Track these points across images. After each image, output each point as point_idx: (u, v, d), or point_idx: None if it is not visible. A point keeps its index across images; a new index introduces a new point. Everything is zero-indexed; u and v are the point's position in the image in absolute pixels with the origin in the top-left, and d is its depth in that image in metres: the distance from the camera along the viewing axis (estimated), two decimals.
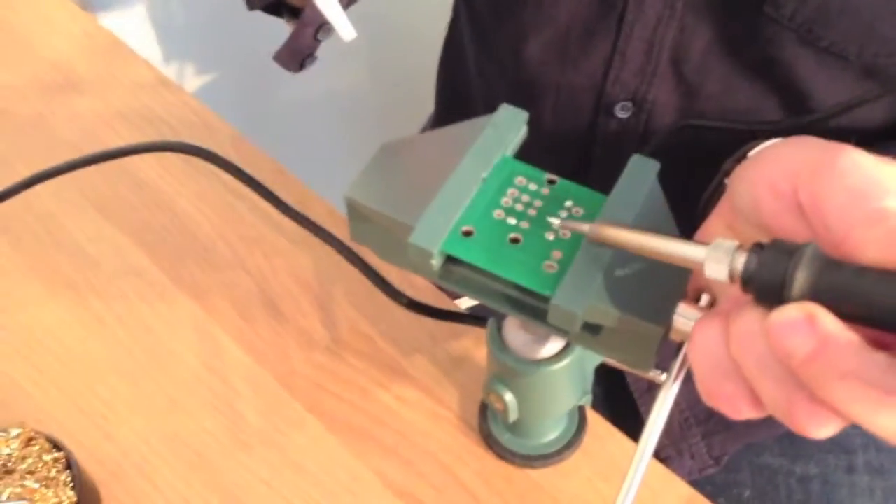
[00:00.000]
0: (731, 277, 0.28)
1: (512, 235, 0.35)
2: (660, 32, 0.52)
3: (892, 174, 0.27)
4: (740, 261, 0.27)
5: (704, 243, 0.29)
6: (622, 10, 0.53)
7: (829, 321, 0.25)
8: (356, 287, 0.55)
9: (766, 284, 0.27)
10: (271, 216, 0.58)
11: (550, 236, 0.35)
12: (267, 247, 0.57)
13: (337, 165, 1.15)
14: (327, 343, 0.53)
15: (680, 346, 0.35)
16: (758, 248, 0.27)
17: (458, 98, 0.73)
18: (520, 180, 0.36)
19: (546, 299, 0.33)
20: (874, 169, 0.27)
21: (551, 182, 0.36)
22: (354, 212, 0.38)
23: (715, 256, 0.28)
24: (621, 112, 0.56)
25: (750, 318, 0.27)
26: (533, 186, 0.36)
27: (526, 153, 0.39)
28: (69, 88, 0.66)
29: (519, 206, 0.35)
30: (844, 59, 0.50)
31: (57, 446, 0.45)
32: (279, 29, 0.54)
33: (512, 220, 0.35)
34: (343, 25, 0.42)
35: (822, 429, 0.27)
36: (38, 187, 0.57)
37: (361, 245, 0.40)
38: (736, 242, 0.28)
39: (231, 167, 0.52)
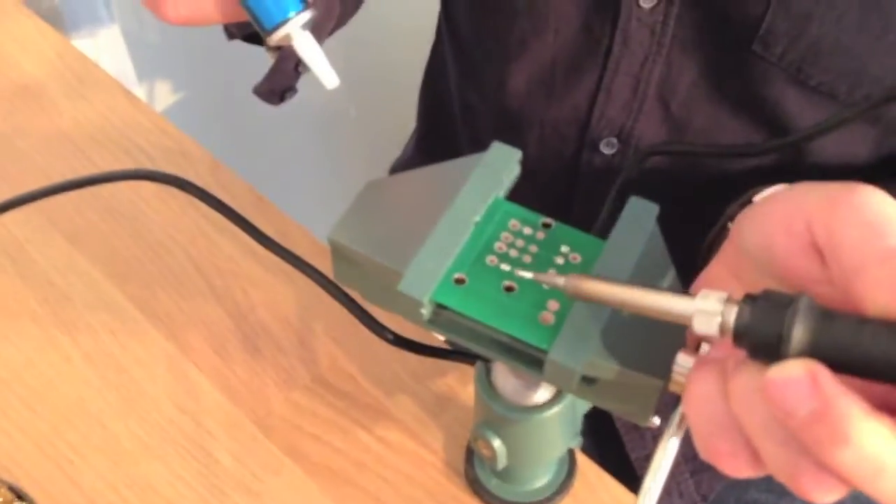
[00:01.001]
0: (723, 332, 0.26)
1: (506, 283, 0.33)
2: (646, 68, 0.51)
3: None
4: (731, 314, 0.26)
5: (691, 295, 0.27)
6: (608, 45, 0.51)
7: (831, 381, 0.24)
8: (337, 322, 0.53)
9: (762, 340, 0.25)
10: (249, 247, 0.56)
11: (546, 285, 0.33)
12: (244, 280, 0.55)
13: (317, 189, 1.13)
14: (307, 382, 0.51)
15: (678, 399, 0.33)
16: (749, 300, 0.26)
17: (440, 122, 0.71)
18: (513, 224, 0.35)
19: (542, 352, 0.32)
20: (891, 206, 0.26)
21: (546, 226, 0.35)
22: (339, 254, 0.36)
23: (704, 310, 0.26)
24: (606, 148, 0.55)
25: (750, 375, 0.26)
26: (528, 231, 0.35)
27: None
28: (39, 112, 0.64)
29: (513, 252, 0.34)
30: (833, 98, 0.49)
31: (20, 496, 0.43)
32: (256, 48, 0.52)
33: (506, 267, 0.33)
34: (325, 73, 0.40)
35: (827, 495, 0.26)
36: (5, 215, 0.55)
37: (346, 286, 0.38)
38: (725, 294, 0.27)
39: (209, 198, 0.50)
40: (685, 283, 0.34)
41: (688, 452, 0.63)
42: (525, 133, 0.58)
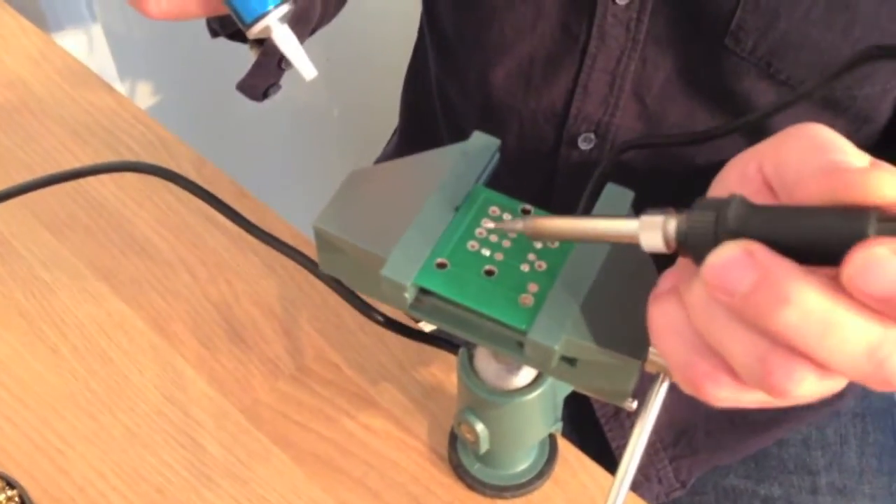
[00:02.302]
0: (667, 243, 0.27)
1: (486, 267, 0.34)
2: (622, 64, 0.52)
3: (849, 144, 0.27)
4: (672, 224, 0.27)
5: (636, 216, 0.28)
6: (585, 42, 0.53)
7: (767, 253, 0.25)
8: (321, 313, 0.54)
9: (702, 240, 0.26)
10: (233, 240, 0.57)
11: (525, 268, 0.34)
12: (229, 272, 0.56)
13: (300, 188, 1.14)
14: (292, 371, 0.52)
15: (656, 376, 0.34)
16: (686, 209, 0.27)
17: (422, 118, 0.72)
18: (493, 210, 0.36)
19: (522, 332, 0.33)
20: (832, 135, 0.27)
21: (525, 212, 0.36)
22: (323, 242, 0.37)
23: (648, 225, 0.28)
24: (584, 143, 0.56)
25: (701, 283, 0.26)
26: (507, 217, 0.36)
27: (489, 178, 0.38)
28: (22, 108, 0.64)
29: (493, 237, 0.35)
30: None
31: (10, 484, 0.43)
32: (239, 46, 0.53)
33: (486, 252, 0.34)
34: (303, 64, 0.41)
35: (801, 382, 0.25)
36: None
37: (331, 275, 0.39)
38: (665, 210, 0.28)
39: (193, 187, 0.51)
40: (663, 269, 0.35)
41: (666, 439, 0.64)
42: (505, 129, 0.59)
